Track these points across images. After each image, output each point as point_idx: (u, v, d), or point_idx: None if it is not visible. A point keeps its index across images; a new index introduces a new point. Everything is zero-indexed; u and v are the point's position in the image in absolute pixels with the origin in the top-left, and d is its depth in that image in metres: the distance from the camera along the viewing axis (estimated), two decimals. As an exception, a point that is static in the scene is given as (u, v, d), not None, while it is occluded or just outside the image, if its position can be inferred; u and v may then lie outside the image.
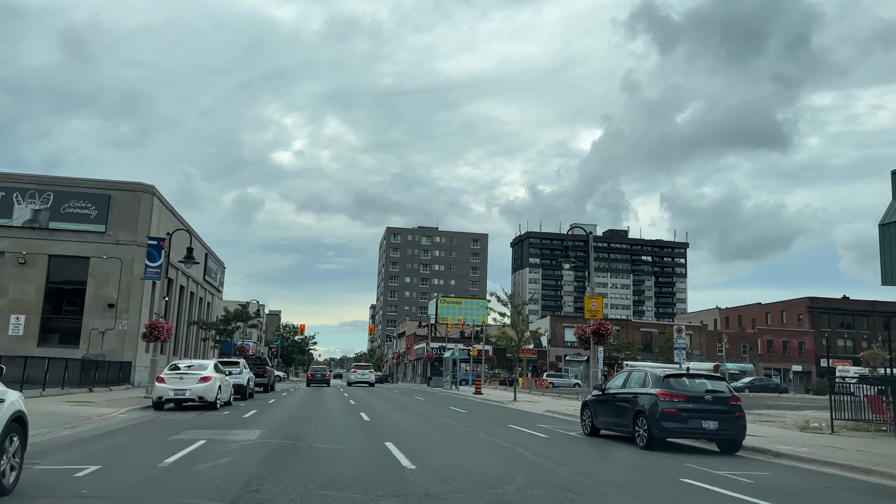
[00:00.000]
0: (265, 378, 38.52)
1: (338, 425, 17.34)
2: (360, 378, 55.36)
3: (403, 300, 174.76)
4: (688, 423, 13.01)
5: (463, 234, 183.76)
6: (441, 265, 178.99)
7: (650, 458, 12.36)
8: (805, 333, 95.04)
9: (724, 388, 13.69)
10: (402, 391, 47.86)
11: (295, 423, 17.87)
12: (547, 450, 13.16)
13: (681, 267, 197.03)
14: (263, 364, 39.74)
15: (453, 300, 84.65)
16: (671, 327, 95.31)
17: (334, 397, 34.35)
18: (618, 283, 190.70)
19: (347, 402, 29.98)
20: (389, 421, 19.48)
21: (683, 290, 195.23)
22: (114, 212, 36.52)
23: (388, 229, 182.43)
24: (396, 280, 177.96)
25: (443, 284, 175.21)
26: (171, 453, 10.94)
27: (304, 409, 24.30)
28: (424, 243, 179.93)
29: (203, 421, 18.00)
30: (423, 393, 45.15)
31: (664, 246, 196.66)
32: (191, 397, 21.82)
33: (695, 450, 13.90)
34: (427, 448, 12.71)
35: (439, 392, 47.39)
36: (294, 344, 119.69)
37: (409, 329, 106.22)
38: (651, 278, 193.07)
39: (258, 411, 22.33)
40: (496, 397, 38.14)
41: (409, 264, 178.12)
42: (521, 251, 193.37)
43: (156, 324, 26.30)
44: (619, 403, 14.67)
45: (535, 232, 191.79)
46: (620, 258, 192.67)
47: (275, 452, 11.47)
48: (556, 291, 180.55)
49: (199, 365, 23.30)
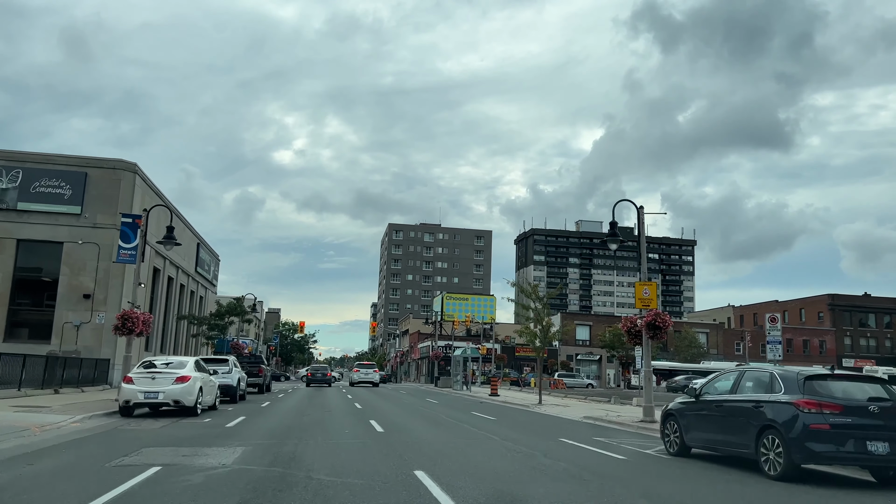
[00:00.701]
0: (260, 378, 34.72)
1: (344, 440, 13.49)
2: (364, 378, 51.45)
3: (406, 298, 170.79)
4: (845, 444, 9.14)
5: (466, 231, 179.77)
6: (444, 262, 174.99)
7: (797, 495, 8.54)
8: (826, 332, 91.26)
9: (892, 395, 9.79)
10: (410, 392, 44.02)
11: (289, 435, 14.03)
12: (646, 482, 9.32)
13: (688, 265, 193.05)
14: (258, 362, 35.91)
15: (460, 296, 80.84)
16: (687, 325, 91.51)
17: (337, 400, 30.53)
18: (624, 282, 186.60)
19: (352, 405, 26.13)
20: (409, 433, 15.62)
21: (691, 289, 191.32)
22: (91, 192, 32.66)
23: (391, 226, 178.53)
24: (398, 277, 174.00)
25: (445, 282, 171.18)
26: (96, 495, 7.12)
27: (301, 414, 20.45)
28: (427, 240, 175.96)
29: (173, 433, 14.18)
30: (433, 394, 41.31)
31: (671, 244, 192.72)
32: (165, 401, 17.99)
33: (847, 482, 10.02)
34: (477, 480, 8.84)
35: (450, 393, 43.55)
36: (294, 343, 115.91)
37: (413, 327, 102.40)
38: (658, 276, 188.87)
39: (246, 418, 18.49)
40: (516, 400, 34.30)
41: (411, 261, 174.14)
42: (526, 248, 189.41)
43: (129, 314, 22.45)
44: (728, 415, 10.80)
45: (539, 229, 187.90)
46: (627, 256, 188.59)
47: (255, 490, 7.65)
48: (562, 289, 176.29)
49: (177, 362, 19.43)
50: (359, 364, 54.63)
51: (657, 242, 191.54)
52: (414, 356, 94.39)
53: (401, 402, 30.75)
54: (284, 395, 34.08)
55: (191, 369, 19.05)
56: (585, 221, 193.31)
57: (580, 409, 26.51)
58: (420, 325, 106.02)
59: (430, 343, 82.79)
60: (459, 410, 25.24)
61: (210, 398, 20.73)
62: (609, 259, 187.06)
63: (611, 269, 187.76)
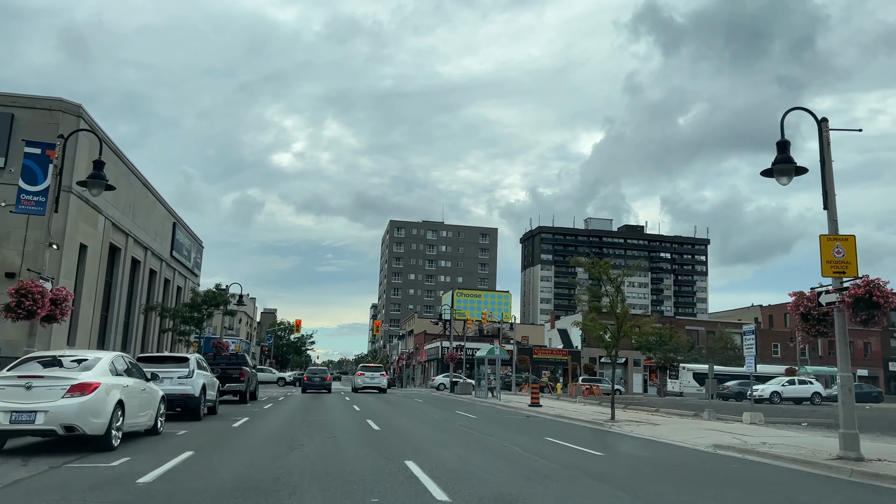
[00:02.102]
0: (241, 383, 27.01)
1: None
2: (369, 382, 43.56)
3: (407, 298, 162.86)
4: None
5: (471, 229, 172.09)
6: (447, 261, 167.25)
7: None
8: (870, 333, 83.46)
9: None
10: (429, 400, 36.25)
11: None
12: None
13: (701, 265, 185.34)
14: (239, 364, 28.12)
15: (471, 292, 73.12)
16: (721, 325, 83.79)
17: (342, 414, 22.79)
18: (635, 282, 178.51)
19: (366, 424, 18.36)
20: (499, 497, 7.88)
21: (704, 290, 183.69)
22: (18, 139, 24.93)
23: (392, 223, 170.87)
24: (400, 277, 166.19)
25: (449, 282, 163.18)
26: None
27: (289, 445, 12.68)
28: (430, 238, 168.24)
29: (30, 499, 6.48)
30: (457, 404, 33.55)
31: (684, 242, 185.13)
32: (47, 427, 10.34)
33: None
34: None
35: (475, 402, 35.80)
36: (290, 344, 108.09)
37: (419, 327, 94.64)
38: (670, 276, 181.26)
39: (195, 454, 10.77)
40: (569, 412, 26.63)
41: (413, 260, 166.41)
42: (532, 248, 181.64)
43: (29, 289, 14.75)
44: None
45: (547, 227, 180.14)
46: (637, 255, 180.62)
47: None
48: (571, 290, 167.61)
49: (77, 363, 11.65)
50: (363, 367, 46.74)
51: (668, 241, 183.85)
52: (420, 358, 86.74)
53: (428, 417, 23.02)
54: (273, 405, 26.33)
55: (101, 372, 11.34)
56: (594, 219, 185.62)
57: (679, 430, 18.83)
58: (426, 324, 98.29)
59: (439, 344, 75.00)
60: (521, 433, 17.54)
61: (144, 419, 13.05)
62: (619, 258, 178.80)
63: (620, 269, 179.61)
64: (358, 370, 44.57)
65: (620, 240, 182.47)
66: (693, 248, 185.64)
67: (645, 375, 76.22)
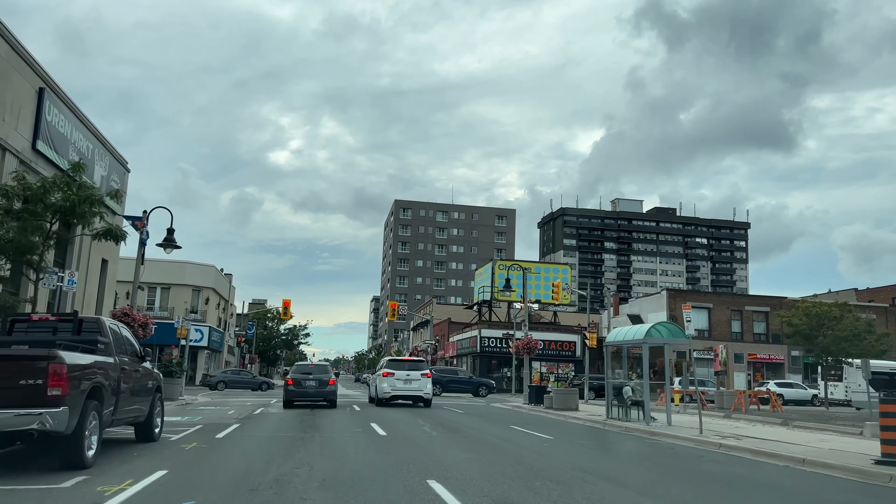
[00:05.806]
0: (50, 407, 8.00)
1: None
2: (405, 389, 24.30)
3: (415, 287, 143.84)
4: None
5: (486, 210, 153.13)
6: (459, 245, 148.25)
7: None
8: None
9: None
10: (543, 428, 17.48)
11: None
12: None
13: (741, 251, 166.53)
14: (102, 349, 9.19)
15: (523, 263, 54.11)
16: (851, 307, 64.88)
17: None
18: (668, 270, 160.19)
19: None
20: None
21: (745, 278, 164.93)
22: None
23: (397, 202, 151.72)
24: (406, 263, 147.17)
25: (462, 269, 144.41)
26: None
27: None
28: (440, 219, 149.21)
29: None
30: (602, 436, 14.69)
31: (721, 226, 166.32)
32: None
33: None
34: None
35: (630, 431, 17.03)
36: (279, 338, 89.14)
37: (440, 314, 75.69)
38: (707, 263, 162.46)
39: None
40: None
41: (421, 244, 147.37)
42: (553, 232, 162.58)
43: None
44: None
45: (570, 208, 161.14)
46: (671, 240, 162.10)
47: None
48: (597, 279, 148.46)
49: None
50: (391, 361, 26.49)
51: (705, 225, 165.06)
52: (446, 353, 67.88)
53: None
54: (194, 456, 7.59)
55: None
56: (623, 200, 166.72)
57: None
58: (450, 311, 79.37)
59: (476, 333, 56.14)
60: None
61: None
62: (651, 244, 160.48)
63: (653, 256, 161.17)
64: (383, 367, 24.61)
65: (652, 223, 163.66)
66: (731, 232, 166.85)
67: (748, 374, 57.52)
